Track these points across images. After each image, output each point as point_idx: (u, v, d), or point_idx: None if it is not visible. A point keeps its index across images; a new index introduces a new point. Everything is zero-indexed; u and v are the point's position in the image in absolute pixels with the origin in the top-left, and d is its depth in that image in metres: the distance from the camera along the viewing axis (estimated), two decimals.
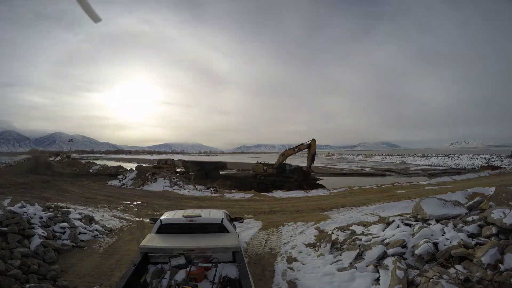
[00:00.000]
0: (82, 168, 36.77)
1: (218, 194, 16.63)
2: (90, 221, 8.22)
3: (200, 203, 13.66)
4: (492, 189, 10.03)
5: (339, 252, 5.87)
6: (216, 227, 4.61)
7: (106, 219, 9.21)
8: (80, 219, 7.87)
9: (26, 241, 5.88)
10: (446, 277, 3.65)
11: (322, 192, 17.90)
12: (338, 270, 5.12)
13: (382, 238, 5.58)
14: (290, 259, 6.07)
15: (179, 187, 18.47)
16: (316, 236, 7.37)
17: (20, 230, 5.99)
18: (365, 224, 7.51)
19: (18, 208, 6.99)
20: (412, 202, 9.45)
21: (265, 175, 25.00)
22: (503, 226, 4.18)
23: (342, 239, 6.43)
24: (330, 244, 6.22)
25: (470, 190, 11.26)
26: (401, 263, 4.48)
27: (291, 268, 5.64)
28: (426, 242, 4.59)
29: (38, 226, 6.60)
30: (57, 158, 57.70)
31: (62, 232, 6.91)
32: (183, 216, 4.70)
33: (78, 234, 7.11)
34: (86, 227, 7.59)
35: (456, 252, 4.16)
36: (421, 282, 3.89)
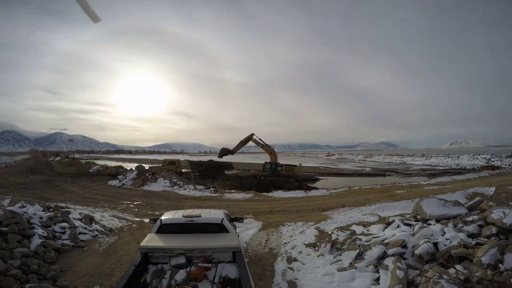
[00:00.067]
0: (82, 168, 36.79)
1: (218, 194, 16.64)
2: (90, 221, 8.23)
3: (200, 203, 13.66)
4: (492, 189, 10.03)
5: (339, 252, 5.87)
6: (216, 227, 4.61)
7: (106, 219, 9.21)
8: (80, 219, 7.87)
9: (26, 241, 5.88)
10: (446, 277, 3.65)
11: (322, 192, 17.91)
12: (338, 270, 5.12)
13: (382, 238, 5.58)
14: (290, 259, 6.07)
15: (179, 187, 18.48)
16: (316, 236, 7.36)
17: (20, 230, 5.99)
18: (365, 224, 7.51)
19: (18, 208, 7.00)
20: (412, 202, 9.45)
21: (266, 175, 25.35)
22: (503, 226, 4.19)
23: (342, 239, 6.44)
24: (330, 244, 6.22)
25: (470, 190, 11.29)
26: (401, 263, 4.48)
27: (291, 268, 5.64)
28: (426, 242, 4.59)
29: (38, 226, 6.59)
30: (57, 158, 57.72)
31: (62, 232, 6.92)
32: (183, 216, 4.70)
33: (78, 234, 7.12)
34: (86, 227, 7.59)
35: (456, 252, 4.16)
36: (421, 282, 3.89)
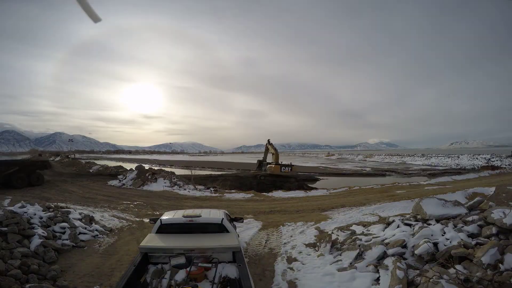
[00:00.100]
0: (82, 168, 36.77)
1: (218, 194, 16.63)
2: (90, 221, 8.22)
3: (200, 203, 13.65)
4: (492, 189, 10.02)
5: (339, 252, 5.87)
6: (216, 227, 4.61)
7: (106, 219, 9.21)
8: (80, 219, 7.87)
9: (26, 241, 5.87)
10: (446, 277, 3.65)
11: (322, 192, 17.89)
12: (338, 270, 5.12)
13: (382, 238, 5.58)
14: (290, 259, 6.07)
15: (179, 187, 18.47)
16: (316, 236, 7.36)
17: (20, 230, 5.99)
18: (365, 224, 7.51)
19: (18, 208, 7.00)
20: (412, 202, 9.45)
21: (266, 175, 25.36)
22: (503, 226, 4.18)
23: (342, 239, 6.44)
24: (330, 244, 6.22)
25: (470, 190, 11.28)
26: (401, 263, 4.48)
27: (291, 268, 5.64)
28: (426, 242, 4.59)
29: (38, 226, 6.59)
30: (57, 158, 57.72)
31: (62, 232, 6.91)
32: (183, 216, 4.70)
33: (78, 234, 7.11)
34: (86, 227, 7.59)
35: (456, 252, 4.16)
36: (421, 282, 3.89)
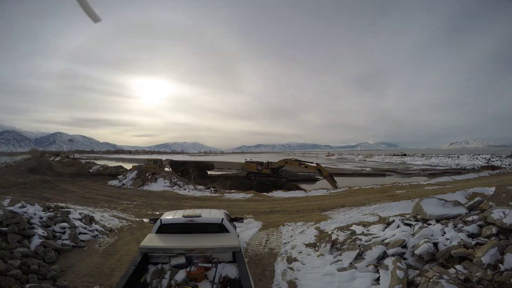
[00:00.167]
0: (82, 168, 36.80)
1: (218, 194, 16.63)
2: (90, 221, 8.23)
3: (200, 203, 13.66)
4: (492, 189, 10.01)
5: (339, 252, 5.87)
6: (216, 227, 4.61)
7: (106, 219, 9.21)
8: (80, 219, 7.87)
9: (26, 241, 5.87)
10: (446, 277, 3.65)
11: (322, 192, 17.90)
12: (338, 270, 5.12)
13: (382, 238, 5.58)
14: (290, 259, 6.07)
15: (179, 187, 18.48)
16: (316, 236, 7.36)
17: (20, 230, 5.98)
18: (365, 224, 7.51)
19: (18, 208, 7.00)
20: (412, 202, 9.45)
21: (257, 175, 24.78)
22: (503, 226, 4.18)
23: (342, 239, 6.44)
24: (330, 244, 6.22)
25: (470, 190, 11.26)
26: (401, 263, 4.48)
27: (291, 268, 5.64)
28: (426, 242, 4.59)
29: (38, 226, 6.59)
30: (57, 158, 57.73)
31: (62, 232, 6.92)
32: (183, 216, 4.70)
33: (78, 234, 7.12)
34: (86, 227, 7.59)
35: (456, 252, 4.16)
36: (421, 282, 3.88)
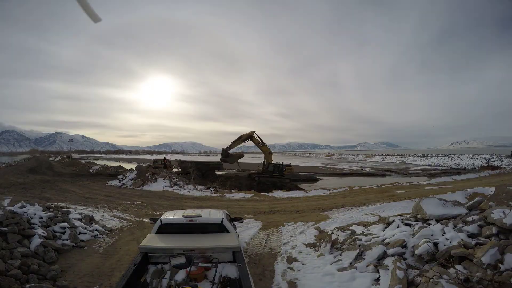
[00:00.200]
0: (82, 168, 36.83)
1: (218, 194, 16.63)
2: (90, 221, 8.23)
3: (200, 203, 13.66)
4: (492, 189, 10.02)
5: (339, 252, 5.87)
6: (216, 227, 4.61)
7: (106, 219, 9.21)
8: (80, 219, 7.87)
9: (26, 241, 5.88)
10: (446, 277, 3.65)
11: (322, 192, 17.90)
12: (338, 270, 5.12)
13: (382, 238, 5.58)
14: (290, 259, 6.07)
15: (179, 187, 18.48)
16: (316, 236, 7.36)
17: (20, 230, 5.99)
18: (365, 224, 7.51)
19: (18, 208, 7.00)
20: (412, 202, 9.46)
21: (260, 175, 25.34)
22: (503, 226, 4.18)
23: (342, 239, 6.44)
24: (330, 244, 6.22)
25: (470, 190, 11.27)
26: (401, 263, 4.49)
27: (291, 268, 5.64)
28: (426, 242, 4.59)
29: (38, 226, 6.59)
30: (57, 158, 57.75)
31: (62, 232, 6.92)
32: (183, 216, 4.70)
33: (78, 234, 7.12)
34: (86, 227, 7.59)
35: (456, 252, 4.16)
36: (421, 282, 3.89)
